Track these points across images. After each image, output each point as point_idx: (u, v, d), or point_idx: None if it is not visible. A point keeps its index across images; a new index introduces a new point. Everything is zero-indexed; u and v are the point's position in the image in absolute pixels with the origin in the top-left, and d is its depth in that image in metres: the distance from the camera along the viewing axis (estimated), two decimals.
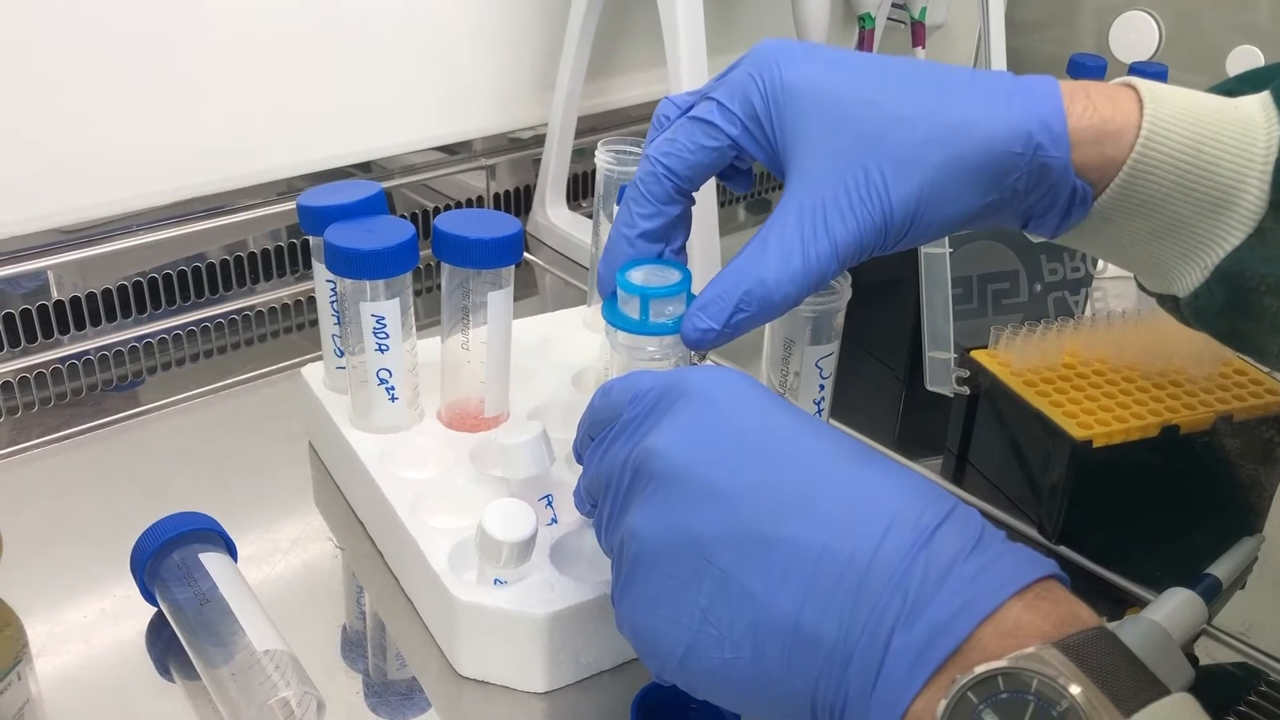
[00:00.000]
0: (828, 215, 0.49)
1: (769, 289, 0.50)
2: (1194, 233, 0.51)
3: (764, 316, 0.51)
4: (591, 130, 1.09)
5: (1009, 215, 0.53)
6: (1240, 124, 0.50)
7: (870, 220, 0.49)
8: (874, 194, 0.49)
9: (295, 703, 0.53)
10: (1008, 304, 0.83)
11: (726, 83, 0.53)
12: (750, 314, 0.51)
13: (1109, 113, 0.50)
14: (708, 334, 0.51)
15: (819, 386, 0.63)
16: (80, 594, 0.62)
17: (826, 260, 0.49)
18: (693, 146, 0.53)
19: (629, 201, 0.55)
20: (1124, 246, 0.54)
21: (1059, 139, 0.49)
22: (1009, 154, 0.49)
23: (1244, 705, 0.57)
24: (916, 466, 0.76)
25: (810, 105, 0.50)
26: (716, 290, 0.51)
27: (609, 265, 0.55)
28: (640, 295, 0.53)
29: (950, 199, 0.49)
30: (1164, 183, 0.50)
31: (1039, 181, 0.50)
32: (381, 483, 0.63)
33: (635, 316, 0.54)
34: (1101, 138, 0.50)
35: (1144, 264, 0.55)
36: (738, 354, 0.81)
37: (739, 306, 0.51)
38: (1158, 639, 0.56)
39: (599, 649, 0.57)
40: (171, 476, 0.74)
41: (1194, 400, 0.69)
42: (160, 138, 0.88)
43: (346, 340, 0.66)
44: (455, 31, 1.02)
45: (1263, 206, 0.50)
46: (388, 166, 1.04)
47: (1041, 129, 0.49)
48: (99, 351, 0.87)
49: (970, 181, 0.49)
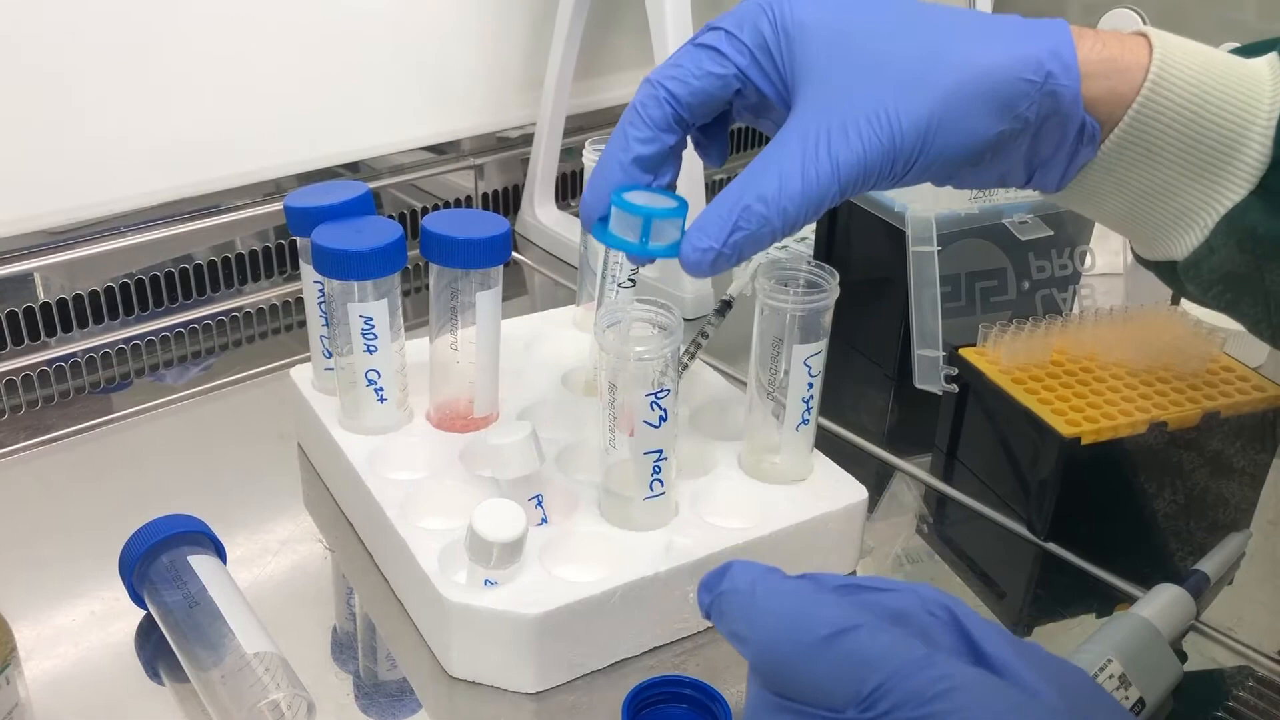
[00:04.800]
0: (832, 137, 0.49)
1: (768, 206, 0.49)
2: (1195, 187, 0.51)
3: (763, 236, 0.50)
4: (579, 129, 1.09)
5: (1016, 160, 0.52)
6: (1247, 78, 0.50)
7: (877, 143, 0.49)
8: (882, 117, 0.48)
9: (285, 705, 0.53)
10: (996, 302, 0.83)
11: (734, 13, 0.52)
12: (749, 232, 0.49)
13: (1118, 51, 0.50)
14: (708, 253, 0.50)
15: (807, 385, 0.63)
16: (69, 597, 0.62)
17: (827, 181, 0.49)
18: (698, 72, 0.52)
19: (625, 125, 0.53)
20: (1124, 204, 0.53)
21: (1069, 68, 0.49)
22: (1020, 80, 0.49)
23: (1232, 700, 0.58)
24: (906, 465, 0.76)
25: (821, 36, 0.50)
26: (714, 209, 0.50)
27: (596, 189, 0.54)
28: (643, 215, 0.51)
29: (960, 125, 0.49)
30: (1169, 128, 0.50)
31: (1049, 113, 0.50)
32: (371, 484, 0.63)
33: (634, 240, 0.52)
34: (1111, 73, 0.50)
35: (1142, 224, 0.54)
36: (728, 351, 0.81)
37: (737, 224, 0.49)
38: (1147, 635, 0.56)
39: (590, 649, 0.57)
40: (160, 478, 0.73)
41: (1182, 397, 0.69)
42: (147, 138, 0.88)
43: (335, 341, 0.66)
44: (443, 31, 1.02)
45: (1264, 163, 0.50)
46: (375, 167, 1.04)
47: (1052, 57, 0.49)
48: (86, 353, 0.87)
49: (981, 107, 0.49)
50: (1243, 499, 0.72)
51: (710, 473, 0.66)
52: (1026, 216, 0.81)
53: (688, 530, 0.61)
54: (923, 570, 0.67)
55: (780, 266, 0.62)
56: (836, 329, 0.63)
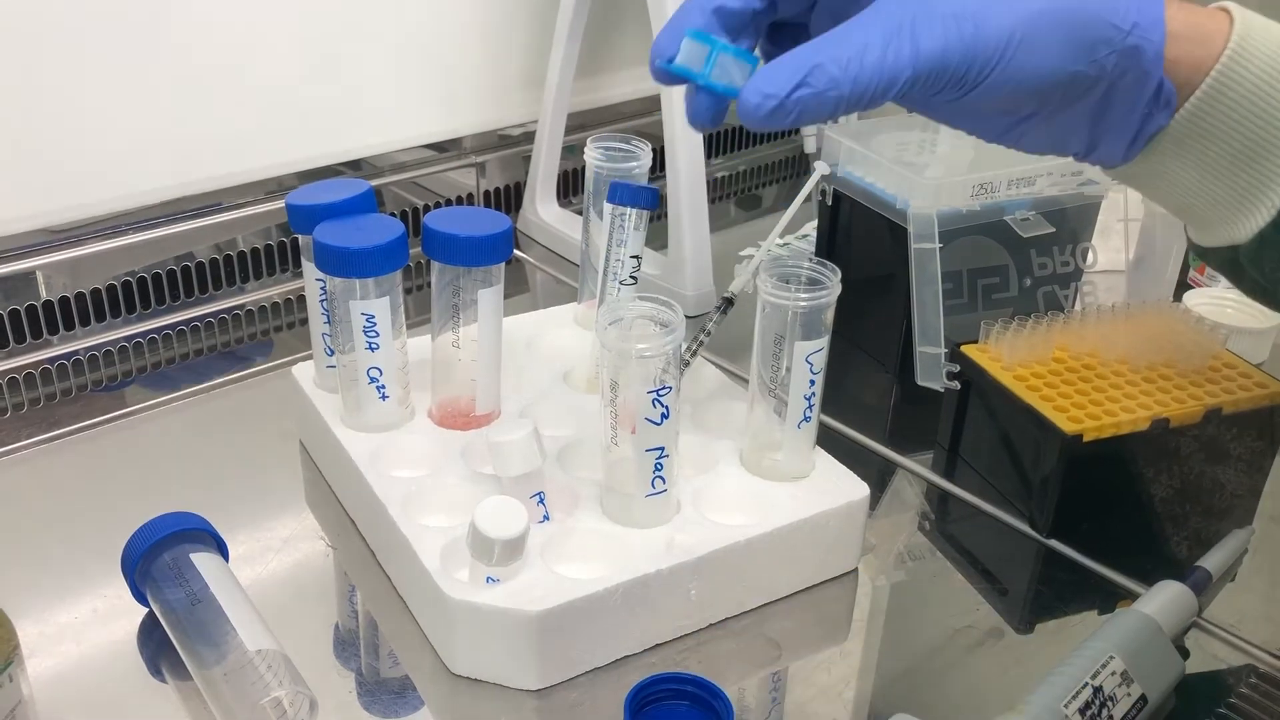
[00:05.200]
0: (916, 24, 0.48)
1: (841, 70, 0.47)
2: (1266, 163, 0.50)
3: (826, 101, 0.48)
4: (581, 127, 1.09)
5: (1081, 117, 0.51)
6: None
7: (959, 41, 0.47)
8: (967, 19, 0.48)
9: (288, 702, 0.53)
10: (998, 299, 0.83)
11: None
12: (816, 90, 0.47)
13: (1202, 17, 0.50)
14: (769, 99, 0.47)
15: (809, 382, 0.63)
16: (71, 595, 0.62)
17: (905, 62, 0.47)
18: None
19: None
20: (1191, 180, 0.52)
21: (1156, 22, 0.49)
22: (1106, 23, 0.48)
23: (1234, 697, 0.58)
24: (908, 462, 0.76)
25: None
26: (785, 61, 0.48)
27: (671, 29, 0.51)
28: (713, 46, 0.49)
29: (1040, 50, 0.48)
30: (1245, 99, 0.49)
31: (1128, 67, 0.49)
32: (373, 481, 0.63)
33: (698, 70, 0.50)
34: (1194, 36, 0.49)
35: (1208, 202, 0.53)
36: (729, 348, 0.81)
37: (806, 80, 0.47)
38: (1149, 631, 0.56)
39: (591, 646, 0.58)
40: (162, 476, 0.73)
41: (1184, 394, 0.69)
42: (149, 137, 0.88)
43: (337, 339, 0.66)
44: (445, 29, 1.02)
45: None
46: (377, 164, 1.04)
47: (1139, 10, 0.49)
48: (88, 352, 0.87)
49: (1063, 38, 0.48)
50: (1245, 495, 0.72)
51: (712, 470, 0.66)
52: (1028, 213, 0.81)
53: (689, 527, 0.61)
54: (924, 567, 0.67)
55: (782, 263, 0.62)
56: (838, 326, 0.63)
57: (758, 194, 1.28)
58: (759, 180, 1.29)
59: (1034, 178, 0.81)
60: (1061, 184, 0.82)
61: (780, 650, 0.60)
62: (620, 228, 0.71)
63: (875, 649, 0.61)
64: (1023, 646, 0.62)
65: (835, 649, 0.61)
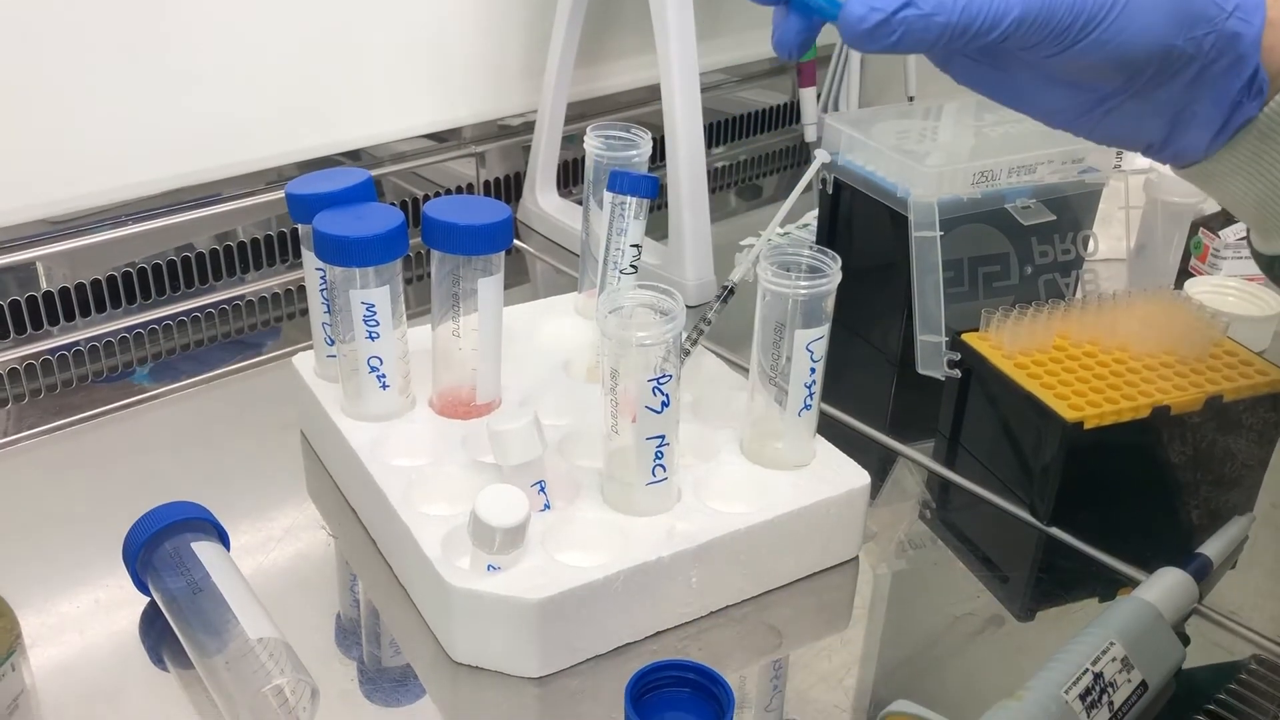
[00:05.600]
0: None
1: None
2: None
3: (930, 27, 0.46)
4: (581, 116, 1.09)
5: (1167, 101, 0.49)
6: None
7: None
8: None
9: (289, 690, 0.53)
10: (999, 287, 0.83)
11: None
12: (922, 13, 0.46)
13: None
14: (875, 13, 0.46)
15: (810, 370, 0.63)
16: (73, 584, 0.62)
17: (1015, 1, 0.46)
18: None
19: None
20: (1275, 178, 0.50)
21: (1257, 6, 0.48)
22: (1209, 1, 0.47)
23: (1234, 683, 0.58)
24: (909, 450, 0.76)
25: None
26: None
27: None
28: None
29: (1143, 15, 0.47)
30: None
31: (1224, 51, 0.48)
32: (374, 470, 0.63)
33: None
34: None
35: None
36: (730, 336, 0.81)
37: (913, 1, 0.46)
38: (1150, 618, 0.56)
39: (592, 634, 0.58)
40: (163, 466, 0.73)
41: (1184, 381, 0.69)
42: (148, 127, 0.87)
43: (337, 328, 0.66)
44: (444, 18, 1.02)
45: None
46: (377, 154, 1.03)
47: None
48: (89, 342, 0.87)
49: (1170, 5, 0.47)
50: (1246, 482, 0.72)
51: (712, 458, 0.66)
52: (1029, 201, 0.81)
53: (690, 515, 0.61)
54: (925, 555, 0.67)
55: (782, 251, 0.62)
56: (839, 314, 0.63)
57: (758, 183, 1.28)
58: (759, 170, 1.29)
59: (1035, 165, 0.81)
60: (1062, 171, 0.82)
61: (781, 638, 0.61)
62: (620, 216, 0.71)
63: (876, 636, 0.61)
64: (1023, 633, 0.62)
65: (836, 636, 0.61)
